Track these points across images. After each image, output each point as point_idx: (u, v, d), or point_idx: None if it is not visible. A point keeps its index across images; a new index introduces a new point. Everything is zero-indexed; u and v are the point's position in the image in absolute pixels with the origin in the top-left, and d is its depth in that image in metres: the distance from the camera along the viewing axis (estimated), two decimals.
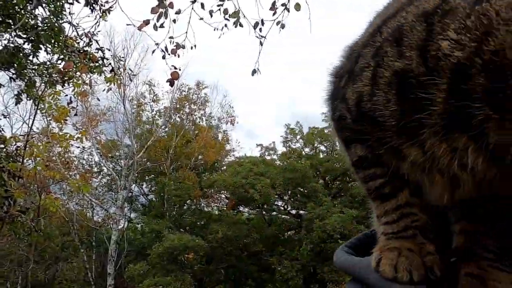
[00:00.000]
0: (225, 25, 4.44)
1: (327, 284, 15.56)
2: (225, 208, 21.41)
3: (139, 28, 3.63)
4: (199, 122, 25.03)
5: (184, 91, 24.05)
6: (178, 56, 4.43)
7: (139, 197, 24.01)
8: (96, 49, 5.88)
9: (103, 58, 5.96)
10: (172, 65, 4.02)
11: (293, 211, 20.20)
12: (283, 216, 19.77)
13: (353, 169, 0.84)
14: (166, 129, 24.00)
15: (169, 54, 4.05)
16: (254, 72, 3.81)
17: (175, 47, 4.21)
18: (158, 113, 23.65)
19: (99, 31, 6.50)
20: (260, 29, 4.00)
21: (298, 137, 21.74)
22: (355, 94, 0.72)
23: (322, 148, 21.76)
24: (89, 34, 5.04)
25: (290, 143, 21.92)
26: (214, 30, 4.39)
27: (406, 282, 0.65)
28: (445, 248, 0.73)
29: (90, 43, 5.66)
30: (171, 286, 15.27)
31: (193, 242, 16.55)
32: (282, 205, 20.64)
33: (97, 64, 5.69)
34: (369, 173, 0.78)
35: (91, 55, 5.23)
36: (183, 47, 4.39)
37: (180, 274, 16.12)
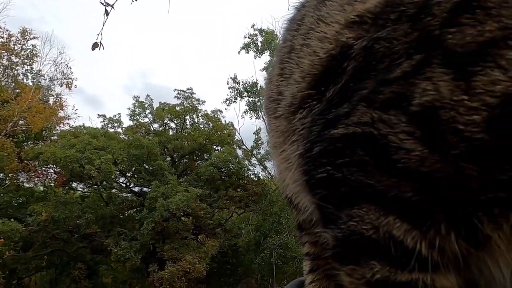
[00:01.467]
0: None
1: (166, 262, 15.57)
2: (52, 185, 18.46)
3: None
4: (23, 79, 20.48)
5: (2, 37, 19.02)
6: None
7: None
8: None
9: None
10: None
11: (136, 189, 19.19)
12: (124, 194, 18.52)
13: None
14: None
15: None
16: (95, 46, 3.11)
17: None
18: None
19: None
20: None
21: (148, 111, 20.56)
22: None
23: (172, 125, 21.32)
24: None
25: (138, 117, 20.53)
26: None
27: None
28: None
29: None
30: None
31: (4, 226, 13.63)
32: (124, 182, 19.31)
33: None
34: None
35: None
36: None
37: None
